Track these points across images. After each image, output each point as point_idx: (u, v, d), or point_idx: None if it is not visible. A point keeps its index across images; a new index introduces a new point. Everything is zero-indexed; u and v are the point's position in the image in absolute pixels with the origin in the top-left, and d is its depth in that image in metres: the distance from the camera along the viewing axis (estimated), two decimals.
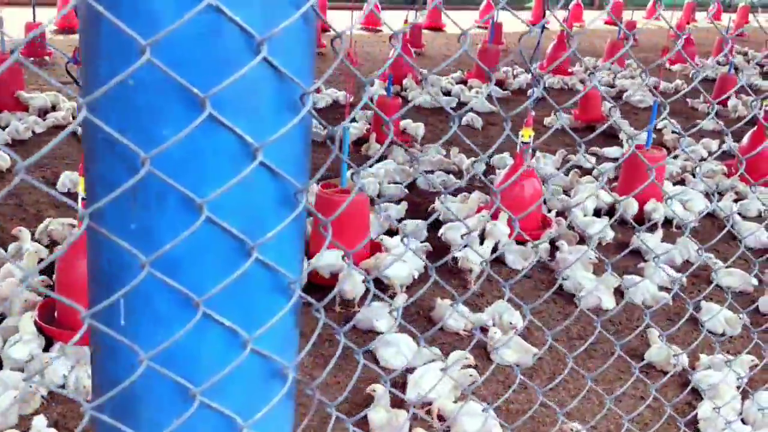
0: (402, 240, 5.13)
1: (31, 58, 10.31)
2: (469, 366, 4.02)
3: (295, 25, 1.08)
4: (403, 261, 4.85)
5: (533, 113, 6.04)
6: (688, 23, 20.64)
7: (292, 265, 1.24)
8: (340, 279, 4.63)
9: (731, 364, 4.24)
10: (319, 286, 4.82)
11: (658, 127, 9.32)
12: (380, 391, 3.60)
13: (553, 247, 5.83)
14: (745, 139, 7.93)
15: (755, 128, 7.82)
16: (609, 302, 5.05)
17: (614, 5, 19.66)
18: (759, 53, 15.61)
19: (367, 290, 4.75)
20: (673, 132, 9.02)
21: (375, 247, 5.17)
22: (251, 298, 1.10)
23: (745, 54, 15.33)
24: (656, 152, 6.90)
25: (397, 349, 4.11)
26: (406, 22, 11.58)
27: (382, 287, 4.93)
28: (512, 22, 16.55)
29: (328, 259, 4.71)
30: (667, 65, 14.27)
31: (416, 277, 4.97)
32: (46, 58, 10.46)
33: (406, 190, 6.78)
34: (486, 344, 4.44)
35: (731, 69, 11.62)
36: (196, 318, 1.01)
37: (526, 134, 5.92)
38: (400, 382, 4.02)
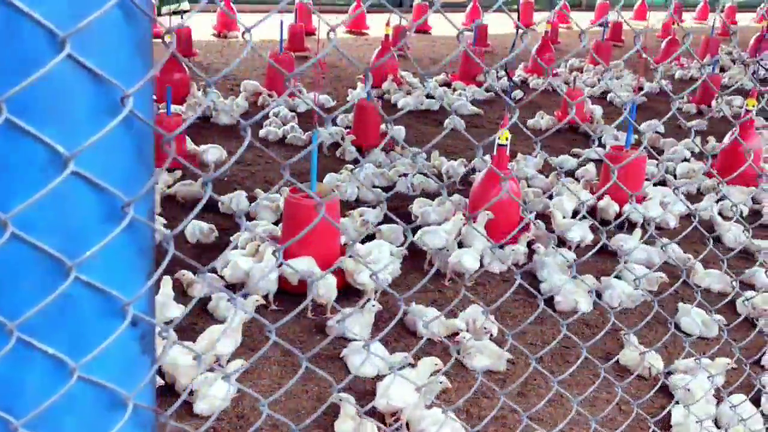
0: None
1: None
2: (438, 371, 3.95)
3: (112, 20, 1.00)
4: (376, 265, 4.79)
5: (509, 115, 5.98)
6: (674, 24, 20.66)
7: (128, 286, 1.13)
8: (310, 284, 4.56)
9: (707, 367, 4.21)
10: (289, 293, 4.76)
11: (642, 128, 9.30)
12: (346, 399, 3.54)
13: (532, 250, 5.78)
14: (726, 139, 7.91)
15: (735, 128, 7.79)
16: (585, 305, 5.00)
17: (600, 6, 19.72)
18: (745, 52, 15.64)
19: (340, 295, 4.69)
20: (656, 132, 9.00)
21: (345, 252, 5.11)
22: (78, 323, 1.01)
23: (730, 53, 15.34)
24: (634, 153, 6.85)
25: (367, 356, 4.04)
26: (387, 24, 11.52)
27: (356, 293, 4.88)
28: (497, 25, 16.55)
29: (298, 266, 4.65)
30: (653, 65, 14.25)
31: (390, 281, 4.92)
32: None
33: (385, 194, 6.73)
34: (458, 350, 4.39)
35: (714, 68, 11.63)
36: (8, 345, 0.93)
37: (503, 136, 5.87)
38: (371, 390, 3.96)
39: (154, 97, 8.48)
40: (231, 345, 4.04)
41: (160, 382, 3.62)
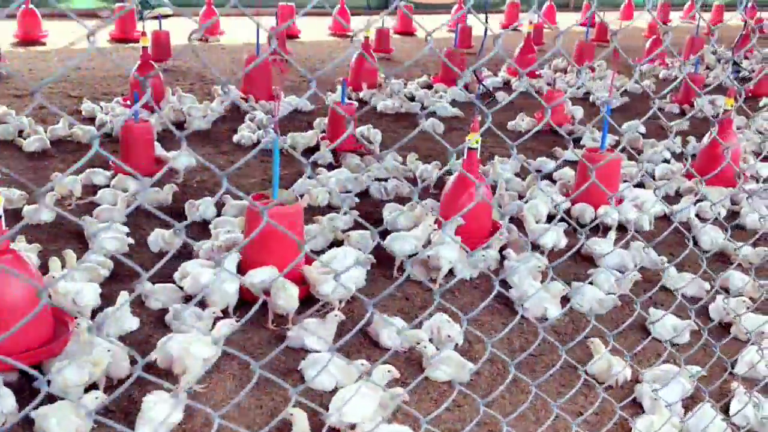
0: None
1: None
2: (395, 379, 3.84)
3: None
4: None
5: (479, 117, 5.89)
6: (663, 23, 20.61)
7: None
8: (272, 293, 4.45)
9: (677, 375, 4.11)
10: (251, 303, 4.64)
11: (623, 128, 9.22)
12: (298, 415, 3.43)
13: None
14: (705, 139, 7.82)
15: (715, 128, 7.70)
16: (555, 311, 4.89)
17: (587, 6, 19.64)
18: (730, 52, 15.58)
19: (301, 305, 4.57)
20: (637, 133, 8.92)
21: (311, 262, 4.98)
22: None
23: (715, 52, 15.28)
24: (610, 154, 6.75)
25: (325, 369, 3.92)
26: (367, 28, 11.40)
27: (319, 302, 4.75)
28: (481, 26, 16.45)
29: (260, 276, 4.53)
30: (635, 62, 14.17)
31: (355, 290, 4.80)
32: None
33: (357, 200, 6.62)
34: (421, 359, 4.27)
35: (697, 67, 11.56)
36: None
37: (473, 139, 5.76)
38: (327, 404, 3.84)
39: (128, 102, 8.37)
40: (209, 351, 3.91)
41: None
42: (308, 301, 4.70)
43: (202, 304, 4.49)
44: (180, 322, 4.26)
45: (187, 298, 4.60)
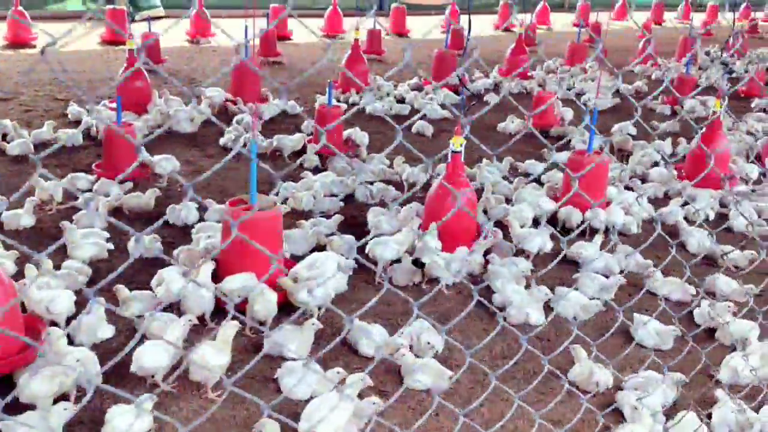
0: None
1: None
2: (372, 388, 3.78)
3: None
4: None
5: (463, 120, 5.82)
6: (657, 23, 20.60)
7: None
8: (250, 300, 4.39)
9: (658, 383, 4.06)
10: (226, 311, 4.57)
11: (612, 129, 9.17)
12: (269, 426, 3.36)
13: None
14: (694, 142, 7.77)
15: (703, 130, 7.66)
16: (537, 317, 4.83)
17: (582, 7, 19.60)
18: (724, 52, 15.54)
19: (280, 312, 4.51)
20: (627, 134, 8.87)
21: (290, 267, 4.92)
22: None
23: (708, 53, 15.24)
24: (597, 157, 6.69)
25: (301, 377, 3.86)
26: (357, 29, 11.35)
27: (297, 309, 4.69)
28: (475, 27, 16.40)
29: (236, 283, 4.47)
30: (630, 63, 14.15)
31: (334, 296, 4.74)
32: None
33: (342, 203, 6.56)
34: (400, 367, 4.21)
35: (688, 68, 11.51)
36: None
37: (457, 143, 5.70)
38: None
39: (115, 105, 8.31)
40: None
41: None
42: (288, 307, 4.64)
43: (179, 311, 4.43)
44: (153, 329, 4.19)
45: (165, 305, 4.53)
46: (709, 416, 3.99)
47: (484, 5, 21.06)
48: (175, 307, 4.55)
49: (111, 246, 5.36)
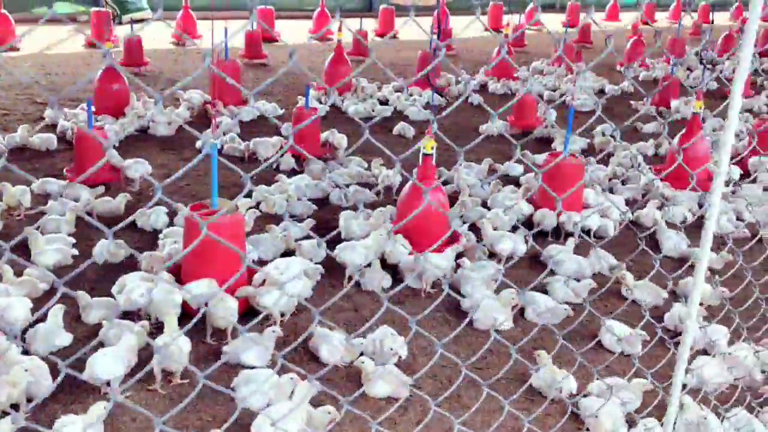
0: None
1: None
2: (328, 396, 3.71)
3: None
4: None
5: (435, 123, 5.75)
6: (645, 23, 20.54)
7: None
8: (210, 307, 4.32)
9: (621, 389, 3.99)
10: (191, 316, 4.50)
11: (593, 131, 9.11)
12: None
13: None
14: (675, 141, 7.71)
15: (684, 130, 7.61)
16: (506, 322, 4.76)
17: (572, 8, 19.56)
18: (713, 52, 15.50)
19: (240, 319, 4.44)
20: (603, 135, 8.81)
21: (251, 273, 4.85)
22: None
23: (697, 53, 15.17)
24: (573, 160, 6.63)
25: (257, 386, 3.79)
26: (339, 30, 11.29)
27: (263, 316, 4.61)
28: (464, 28, 16.35)
29: (198, 288, 4.39)
30: (618, 67, 14.11)
31: (300, 302, 4.67)
32: None
33: (315, 207, 6.49)
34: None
35: (673, 69, 11.46)
36: None
37: (428, 145, 5.64)
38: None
39: (93, 108, 8.24)
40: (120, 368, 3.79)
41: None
42: (252, 313, 4.57)
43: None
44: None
45: (125, 312, 4.46)
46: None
47: (475, 6, 21.01)
48: (136, 315, 4.49)
49: (76, 252, 5.29)
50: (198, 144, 8.01)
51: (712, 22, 12.32)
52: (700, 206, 7.04)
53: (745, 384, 4.29)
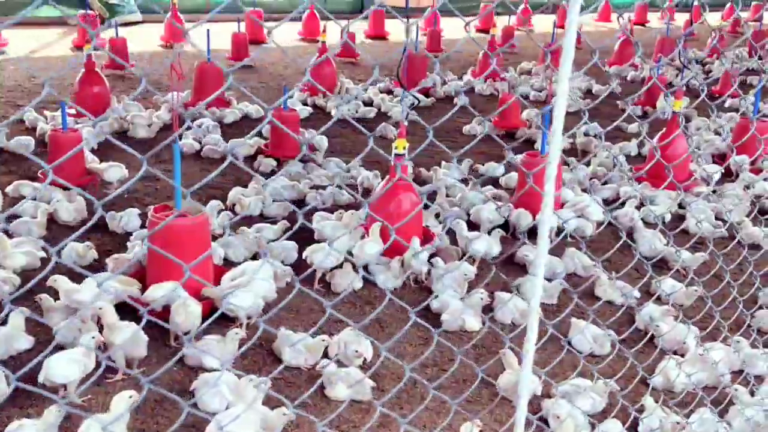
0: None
1: None
2: (289, 398, 3.66)
3: None
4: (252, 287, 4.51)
5: (406, 123, 5.73)
6: (638, 24, 20.51)
7: None
8: (172, 311, 4.28)
9: (587, 390, 3.95)
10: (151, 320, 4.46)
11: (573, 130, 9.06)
12: None
13: None
14: (654, 141, 7.66)
15: (664, 130, 7.57)
16: (473, 324, 4.72)
17: (563, 10, 19.51)
18: (702, 52, 15.46)
19: (203, 322, 4.39)
20: (585, 135, 8.78)
21: (219, 275, 4.81)
22: None
23: (679, 54, 15.12)
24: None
25: (216, 389, 3.75)
26: (324, 31, 11.25)
27: (227, 318, 4.58)
28: (453, 29, 16.34)
29: (160, 291, 4.35)
30: (606, 67, 14.07)
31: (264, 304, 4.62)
32: None
33: (291, 207, 6.44)
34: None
35: (659, 69, 11.42)
36: None
37: (400, 145, 5.60)
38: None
39: (73, 111, 8.19)
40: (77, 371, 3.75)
41: None
42: (220, 317, 4.52)
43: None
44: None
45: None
46: (636, 424, 3.88)
47: (468, 7, 20.98)
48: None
49: (44, 255, 5.24)
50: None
51: (700, 23, 12.25)
52: (681, 206, 7.00)
53: (712, 384, 4.25)
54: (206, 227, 4.71)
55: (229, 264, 5.32)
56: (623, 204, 6.70)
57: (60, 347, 4.05)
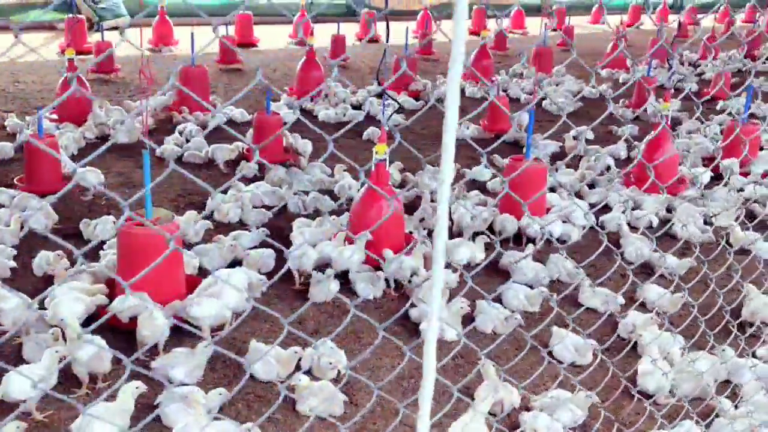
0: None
1: None
2: (260, 413, 3.54)
3: None
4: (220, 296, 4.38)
5: (387, 128, 5.61)
6: (630, 25, 20.43)
7: None
8: (139, 323, 4.15)
9: (567, 401, 3.83)
10: (119, 330, 4.34)
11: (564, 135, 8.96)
12: None
13: None
14: (643, 145, 7.55)
15: (652, 134, 7.45)
16: (453, 333, 4.59)
17: (558, 11, 19.43)
18: (695, 54, 15.38)
19: (175, 332, 4.27)
20: (574, 138, 8.66)
21: (194, 285, 4.67)
22: None
23: (681, 55, 15.06)
24: (536, 164, 6.47)
25: (182, 405, 3.62)
26: (311, 34, 11.14)
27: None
28: (447, 32, 16.19)
29: (128, 302, 4.22)
30: (599, 70, 13.97)
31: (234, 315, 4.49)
32: None
33: (271, 215, 6.31)
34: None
35: (649, 71, 11.33)
36: None
37: (381, 150, 5.48)
38: None
39: (56, 116, 8.07)
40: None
41: None
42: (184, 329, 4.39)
43: None
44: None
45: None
46: None
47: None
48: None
49: (14, 264, 5.11)
50: (158, 151, 7.81)
51: (679, 26, 12.16)
52: (668, 210, 6.89)
53: (697, 395, 4.13)
54: (177, 235, 4.58)
55: (204, 274, 5.19)
56: (609, 209, 6.59)
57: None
